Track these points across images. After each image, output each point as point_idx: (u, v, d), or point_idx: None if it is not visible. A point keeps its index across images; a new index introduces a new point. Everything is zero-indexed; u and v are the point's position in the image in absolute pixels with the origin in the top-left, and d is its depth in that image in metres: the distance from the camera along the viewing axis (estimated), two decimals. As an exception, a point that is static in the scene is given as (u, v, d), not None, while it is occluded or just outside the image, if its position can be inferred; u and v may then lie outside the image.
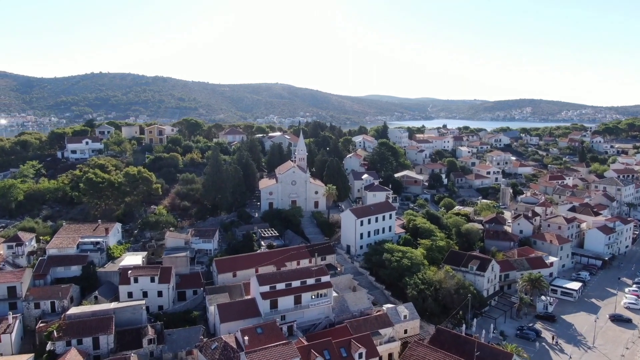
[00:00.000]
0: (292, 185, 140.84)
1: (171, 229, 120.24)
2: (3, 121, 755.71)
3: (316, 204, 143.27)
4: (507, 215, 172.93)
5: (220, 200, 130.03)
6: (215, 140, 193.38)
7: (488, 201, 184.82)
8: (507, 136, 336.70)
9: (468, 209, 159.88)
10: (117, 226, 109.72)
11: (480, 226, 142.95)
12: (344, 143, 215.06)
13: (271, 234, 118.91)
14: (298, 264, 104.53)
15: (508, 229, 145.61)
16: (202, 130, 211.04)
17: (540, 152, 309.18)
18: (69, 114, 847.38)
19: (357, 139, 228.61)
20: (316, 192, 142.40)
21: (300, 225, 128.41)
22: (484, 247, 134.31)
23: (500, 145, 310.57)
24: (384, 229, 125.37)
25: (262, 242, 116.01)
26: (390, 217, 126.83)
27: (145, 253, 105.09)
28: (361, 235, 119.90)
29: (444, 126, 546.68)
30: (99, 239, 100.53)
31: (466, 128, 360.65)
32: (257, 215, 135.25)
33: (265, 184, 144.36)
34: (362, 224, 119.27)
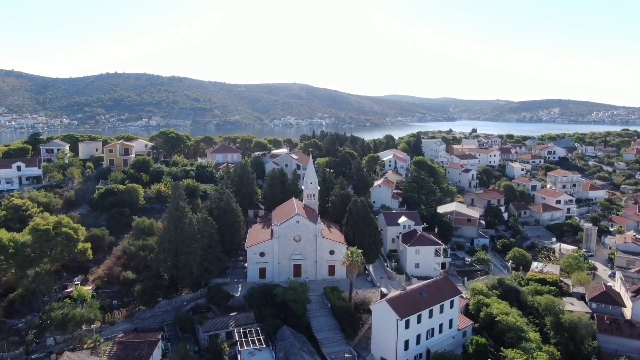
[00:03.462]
0: (295, 242, 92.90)
1: (93, 326, 73.67)
2: (12, 122, 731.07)
3: (331, 270, 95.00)
4: (600, 270, 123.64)
5: (180, 272, 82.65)
6: (199, 161, 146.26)
7: (569, 247, 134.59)
8: (559, 146, 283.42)
9: (553, 271, 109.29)
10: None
11: (586, 308, 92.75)
12: (369, 162, 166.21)
13: (255, 343, 70.71)
14: (296, 421, 56.72)
15: (625, 311, 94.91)
16: (185, 147, 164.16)
17: (605, 167, 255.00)
18: (81, 115, 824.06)
19: (386, 156, 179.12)
20: (332, 252, 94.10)
21: (305, 316, 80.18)
22: (599, 349, 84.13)
23: (554, 158, 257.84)
24: (441, 326, 76.57)
25: (240, 357, 68.39)
26: (452, 306, 77.94)
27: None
28: (406, 343, 71.15)
29: (474, 130, 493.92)
30: None
31: (510, 137, 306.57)
32: (239, 291, 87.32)
33: (255, 237, 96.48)
34: (407, 325, 70.48)
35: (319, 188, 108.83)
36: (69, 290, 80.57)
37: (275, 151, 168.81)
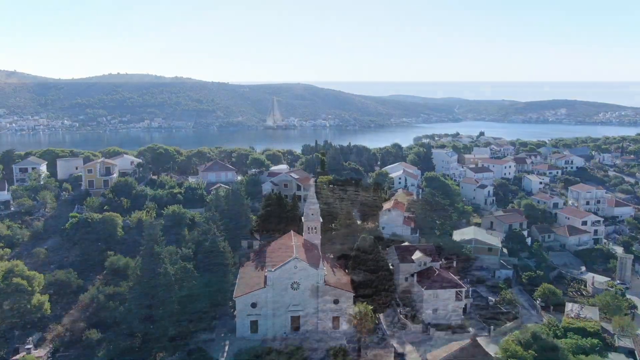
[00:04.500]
0: (292, 289, 78.86)
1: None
2: (13, 125, 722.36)
3: (336, 322, 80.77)
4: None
5: (155, 331, 68.76)
6: (189, 181, 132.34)
7: (602, 278, 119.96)
8: (575, 154, 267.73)
9: (592, 315, 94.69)
10: None
11: (638, 371, 78.48)
12: (377, 179, 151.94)
13: None
14: None
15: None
16: (175, 163, 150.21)
17: (626, 178, 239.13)
18: (83, 116, 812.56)
19: (395, 171, 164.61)
20: (336, 302, 80.00)
21: (304, 388, 66.26)
22: None
23: (572, 168, 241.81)
24: (471, 406, 62.46)
25: None
26: (483, 380, 63.73)
27: None
28: None
29: (482, 133, 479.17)
30: None
31: (524, 145, 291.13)
32: (225, 352, 73.38)
33: (246, 283, 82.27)
34: (431, 413, 56.46)
35: (321, 220, 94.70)
36: (18, 357, 66.72)
37: (274, 168, 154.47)
